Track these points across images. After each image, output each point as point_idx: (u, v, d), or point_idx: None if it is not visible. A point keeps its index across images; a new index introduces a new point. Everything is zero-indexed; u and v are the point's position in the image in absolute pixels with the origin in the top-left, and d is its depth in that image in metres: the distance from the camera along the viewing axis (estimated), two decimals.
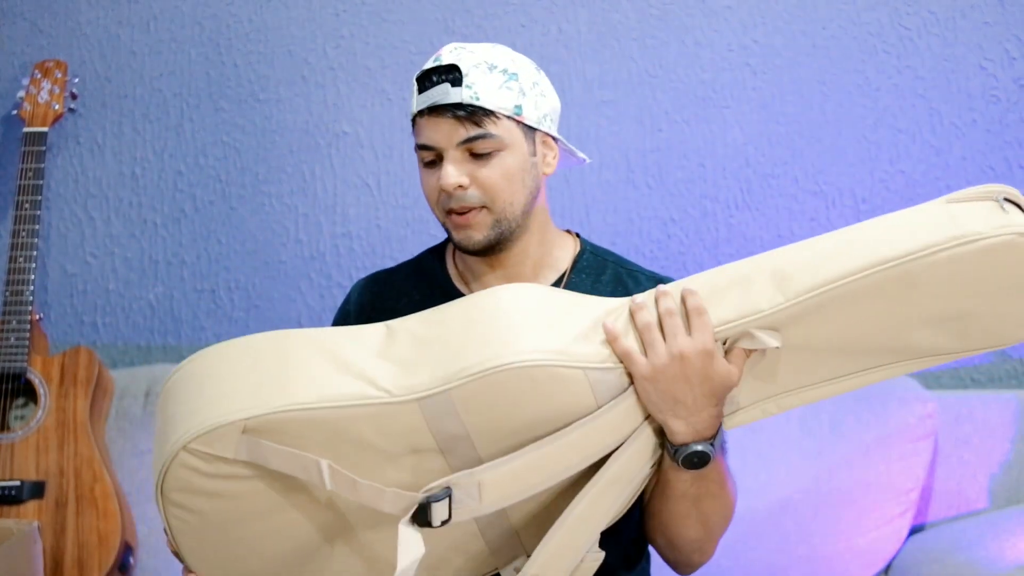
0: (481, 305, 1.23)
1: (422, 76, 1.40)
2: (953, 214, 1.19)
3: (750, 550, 1.94)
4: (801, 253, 1.23)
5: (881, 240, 1.20)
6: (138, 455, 2.09)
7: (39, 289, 2.32)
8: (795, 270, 1.20)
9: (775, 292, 1.19)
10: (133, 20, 2.35)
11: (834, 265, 1.19)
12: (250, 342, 1.23)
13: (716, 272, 1.24)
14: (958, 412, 2.02)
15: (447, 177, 1.36)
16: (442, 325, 1.23)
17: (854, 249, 1.20)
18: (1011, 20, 2.20)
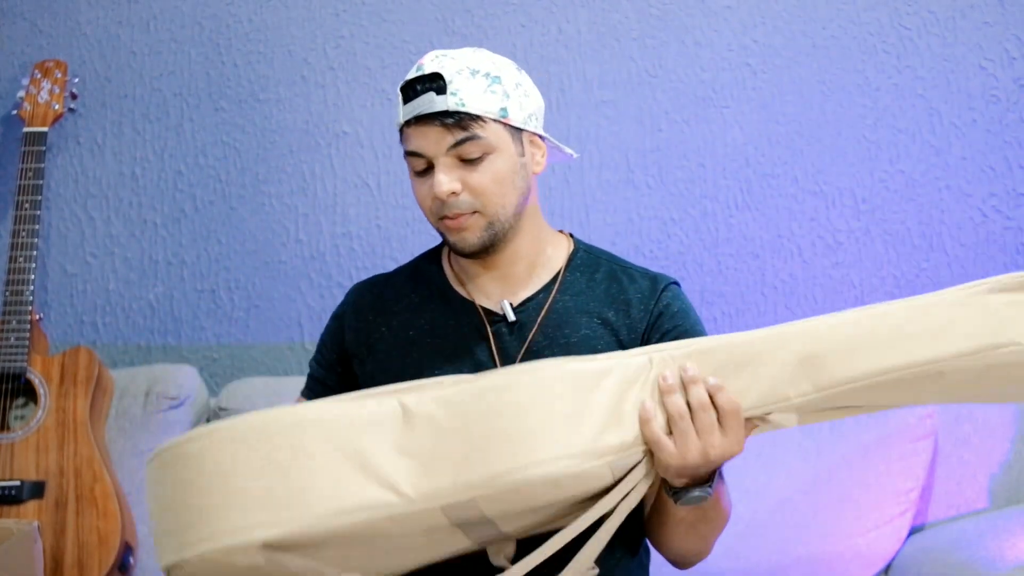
0: (505, 399, 1.17)
1: (406, 86, 1.40)
2: (997, 314, 1.15)
3: (750, 550, 1.94)
4: (834, 335, 1.19)
5: (918, 337, 1.16)
6: (138, 455, 2.09)
7: (39, 289, 2.32)
8: (827, 357, 1.18)
9: (804, 380, 1.18)
10: (133, 20, 2.35)
11: (868, 359, 1.17)
12: (262, 430, 1.18)
13: (737, 341, 1.21)
14: (958, 412, 2.01)
15: (439, 185, 1.37)
16: (463, 417, 1.17)
17: (889, 343, 1.17)
18: (1011, 20, 2.20)
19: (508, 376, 1.19)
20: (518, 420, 1.16)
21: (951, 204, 2.21)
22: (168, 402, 2.11)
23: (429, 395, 1.18)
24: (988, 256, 2.20)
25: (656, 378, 1.19)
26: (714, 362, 1.20)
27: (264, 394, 2.12)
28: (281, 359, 2.31)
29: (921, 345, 1.16)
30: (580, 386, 1.18)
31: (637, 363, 1.21)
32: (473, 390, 1.18)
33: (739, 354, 1.20)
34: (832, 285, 2.22)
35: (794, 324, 1.21)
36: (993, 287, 1.17)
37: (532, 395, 1.17)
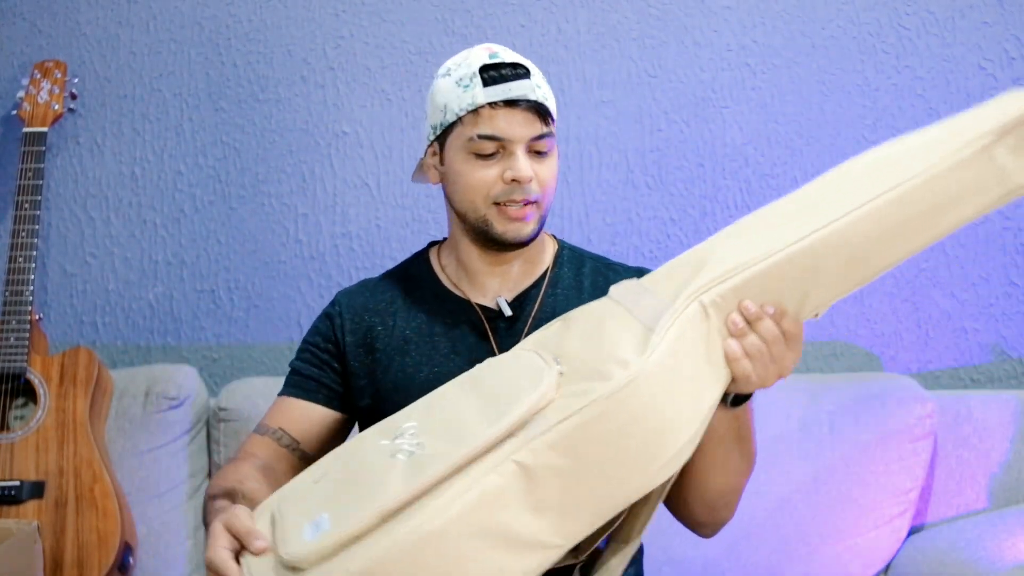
0: (617, 421, 1.14)
1: (488, 68, 1.41)
2: (1003, 167, 1.19)
3: (750, 550, 1.95)
4: (864, 234, 1.23)
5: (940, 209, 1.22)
6: (138, 455, 2.09)
7: (39, 289, 2.32)
8: (868, 258, 1.25)
9: (850, 280, 1.25)
10: (133, 20, 2.35)
11: (903, 246, 1.27)
12: (406, 559, 1.12)
13: (775, 263, 1.21)
14: (957, 412, 2.02)
15: (524, 169, 1.40)
16: (581, 453, 1.14)
17: (919, 227, 1.24)
18: (1010, 20, 2.20)
19: (609, 399, 1.13)
20: (636, 434, 1.14)
21: None
22: (168, 402, 2.11)
23: (541, 443, 1.13)
24: (988, 256, 2.20)
25: (724, 322, 1.20)
26: (758, 290, 1.21)
27: (264, 394, 2.11)
28: (281, 359, 2.31)
29: (945, 217, 1.21)
30: (671, 371, 1.16)
31: (691, 312, 1.19)
32: (580, 424, 1.13)
33: (782, 275, 1.20)
34: None
35: (817, 230, 1.21)
36: (994, 135, 1.19)
37: (639, 407, 1.14)
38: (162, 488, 2.09)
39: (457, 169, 1.44)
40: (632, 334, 1.18)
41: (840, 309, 2.22)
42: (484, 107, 1.40)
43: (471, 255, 1.50)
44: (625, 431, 1.13)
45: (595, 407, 1.13)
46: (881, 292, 2.22)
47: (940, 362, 2.19)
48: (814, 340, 2.22)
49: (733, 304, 1.20)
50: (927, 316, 2.21)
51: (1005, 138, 1.19)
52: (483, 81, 1.40)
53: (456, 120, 1.42)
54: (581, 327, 1.26)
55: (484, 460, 1.13)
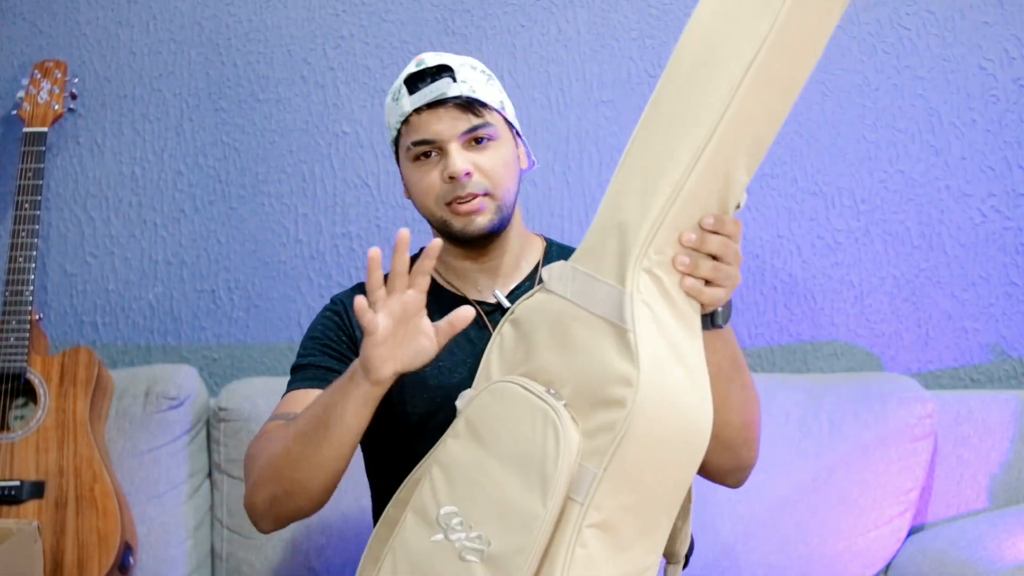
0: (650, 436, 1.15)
1: (412, 78, 1.45)
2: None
3: (750, 550, 1.95)
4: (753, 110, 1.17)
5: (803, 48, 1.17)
6: (138, 455, 2.09)
7: (39, 289, 2.32)
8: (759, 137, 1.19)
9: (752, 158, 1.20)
10: (133, 20, 2.35)
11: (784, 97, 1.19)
12: None
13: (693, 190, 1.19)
14: (958, 412, 2.02)
15: (456, 164, 1.42)
16: (638, 480, 1.16)
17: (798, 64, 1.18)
18: (1010, 20, 2.20)
19: (635, 426, 1.14)
20: (670, 439, 1.16)
21: (951, 204, 2.21)
22: (168, 402, 2.11)
23: (601, 495, 1.15)
24: (988, 256, 2.20)
25: (672, 266, 1.19)
26: (687, 222, 1.19)
27: (264, 394, 2.11)
28: (281, 359, 2.31)
29: (808, 57, 1.16)
30: (661, 349, 1.16)
31: (644, 286, 1.19)
32: (621, 461, 1.14)
33: (701, 196, 1.18)
34: (832, 285, 2.22)
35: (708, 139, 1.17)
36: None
37: (660, 414, 1.15)
38: (162, 488, 2.09)
39: (408, 178, 1.50)
40: (608, 339, 1.17)
41: (840, 309, 2.22)
42: (411, 115, 1.45)
43: (454, 255, 1.53)
44: (661, 439, 1.14)
45: (628, 439, 1.13)
46: (881, 292, 2.22)
47: (940, 362, 2.19)
48: (814, 340, 2.23)
49: (671, 252, 1.19)
50: (927, 316, 2.21)
51: None
52: (408, 90, 1.45)
53: (397, 133, 1.48)
54: (545, 337, 1.24)
55: (559, 538, 1.14)
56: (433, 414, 1.45)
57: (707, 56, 1.17)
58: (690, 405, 1.16)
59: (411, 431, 1.47)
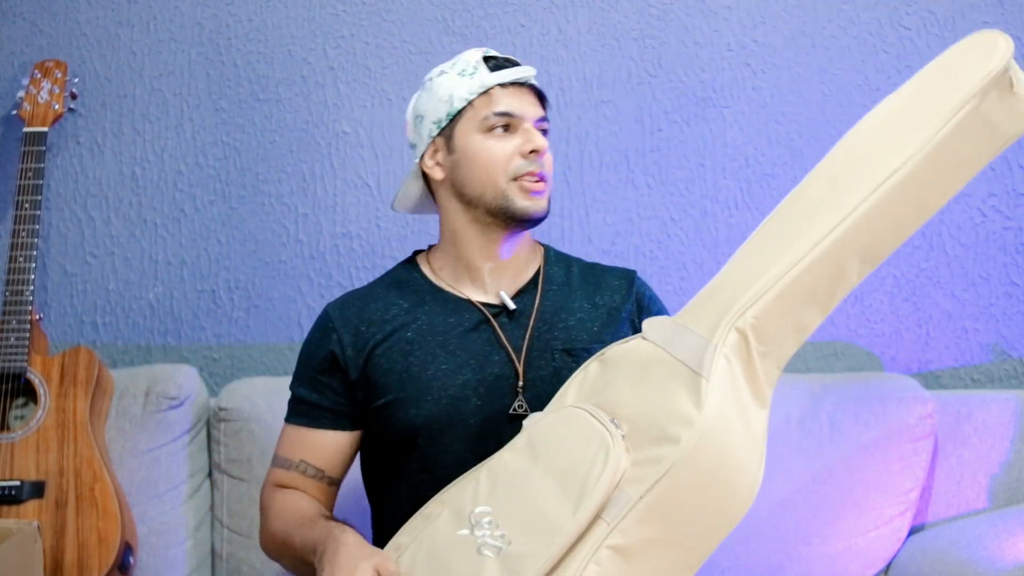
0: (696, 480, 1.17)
1: (491, 57, 1.52)
2: (990, 122, 1.21)
3: (750, 550, 1.94)
4: (878, 225, 1.24)
5: (943, 181, 1.25)
6: (138, 455, 2.09)
7: (39, 289, 2.32)
8: (880, 247, 1.25)
9: (865, 265, 1.26)
10: (133, 20, 2.35)
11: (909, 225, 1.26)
12: None
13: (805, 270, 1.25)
14: (958, 412, 2.01)
15: (540, 139, 1.47)
16: (670, 517, 1.17)
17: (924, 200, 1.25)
18: (1011, 20, 2.20)
19: (684, 466, 1.15)
20: (712, 488, 1.17)
21: (951, 204, 2.21)
22: (168, 402, 2.11)
23: (629, 521, 1.15)
24: (988, 256, 2.20)
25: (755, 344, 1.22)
26: (794, 299, 1.23)
27: (264, 394, 2.11)
28: (281, 359, 2.31)
29: (946, 185, 1.24)
30: (727, 415, 1.18)
31: (733, 344, 1.22)
32: (662, 493, 1.15)
33: (813, 280, 1.23)
34: None
35: (832, 230, 1.24)
36: (979, 98, 1.21)
37: (710, 462, 1.16)
38: (162, 488, 2.08)
39: (474, 149, 1.48)
40: (682, 382, 1.19)
41: (840, 309, 2.22)
42: (494, 88, 1.48)
43: (473, 251, 1.52)
44: (704, 486, 1.15)
45: (673, 474, 1.15)
46: (881, 292, 2.21)
47: (940, 362, 2.19)
48: (814, 340, 2.23)
49: (768, 322, 1.22)
50: (927, 316, 2.21)
51: (992, 91, 1.21)
52: (488, 68, 1.49)
53: (466, 105, 1.48)
54: (626, 374, 1.27)
55: (578, 551, 1.15)
56: (437, 417, 1.45)
57: (860, 157, 1.28)
58: (742, 466, 1.18)
59: (416, 435, 1.47)
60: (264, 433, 2.07)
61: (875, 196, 1.23)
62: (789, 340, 1.24)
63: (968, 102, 1.20)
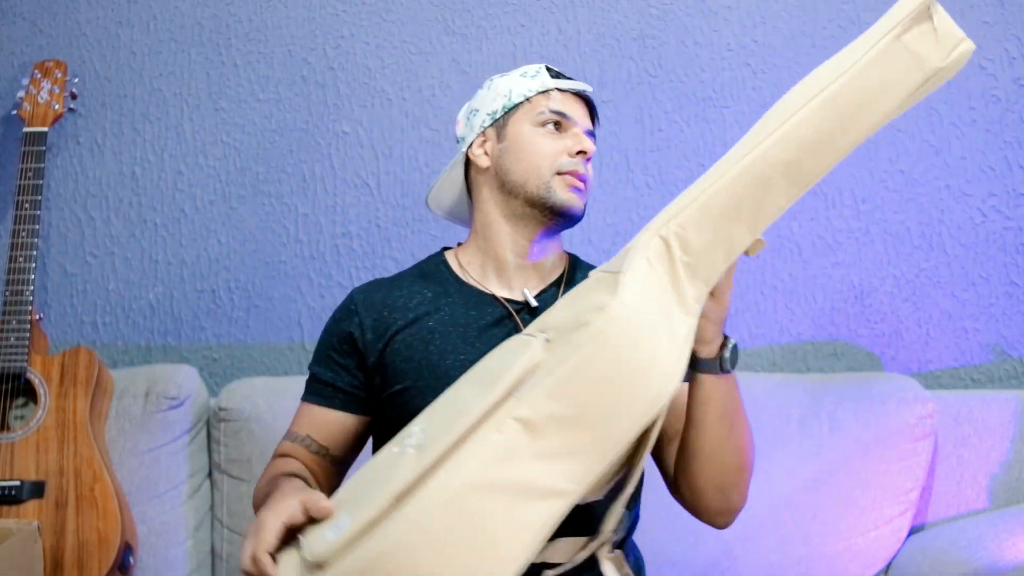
0: (604, 359, 1.19)
1: (551, 68, 1.61)
2: (914, 52, 1.26)
3: (750, 550, 1.94)
4: (801, 139, 1.29)
5: (867, 107, 1.28)
6: (138, 455, 2.09)
7: (39, 289, 2.32)
8: (802, 162, 1.29)
9: (792, 187, 1.29)
10: (133, 20, 2.35)
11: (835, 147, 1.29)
12: (434, 520, 1.14)
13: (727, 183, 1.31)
14: (958, 412, 2.02)
15: (589, 143, 1.55)
16: (577, 397, 1.19)
17: (847, 124, 1.28)
18: (1011, 20, 2.20)
19: (594, 341, 1.19)
20: (624, 371, 1.19)
21: (951, 204, 2.21)
22: (168, 402, 2.11)
23: (537, 395, 1.18)
24: (988, 256, 2.20)
25: (678, 252, 1.26)
26: (717, 211, 1.28)
27: (264, 394, 2.12)
28: (281, 359, 2.31)
29: (871, 113, 1.27)
30: (645, 308, 1.21)
31: (656, 250, 1.26)
32: (572, 369, 1.19)
33: (736, 194, 1.29)
34: (832, 285, 2.22)
35: (756, 146, 1.32)
36: (900, 28, 1.27)
37: (621, 345, 1.19)
38: (162, 488, 2.09)
39: (525, 139, 1.55)
40: (605, 285, 1.24)
41: (840, 309, 2.22)
42: (554, 90, 1.56)
43: (504, 246, 1.56)
44: (613, 368, 1.18)
45: (581, 351, 1.18)
46: (881, 292, 2.22)
47: (940, 362, 2.19)
48: (814, 340, 2.23)
49: (693, 233, 1.26)
50: (927, 316, 2.21)
51: (913, 27, 1.26)
52: (550, 74, 1.59)
53: (523, 101, 1.56)
54: (565, 299, 1.31)
55: (485, 424, 1.17)
56: None
57: (794, 90, 1.37)
58: (655, 357, 1.19)
59: None
60: (264, 433, 2.07)
61: (799, 114, 1.30)
62: (718, 256, 1.27)
63: (890, 31, 1.27)
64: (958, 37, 1.26)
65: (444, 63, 2.30)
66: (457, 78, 2.30)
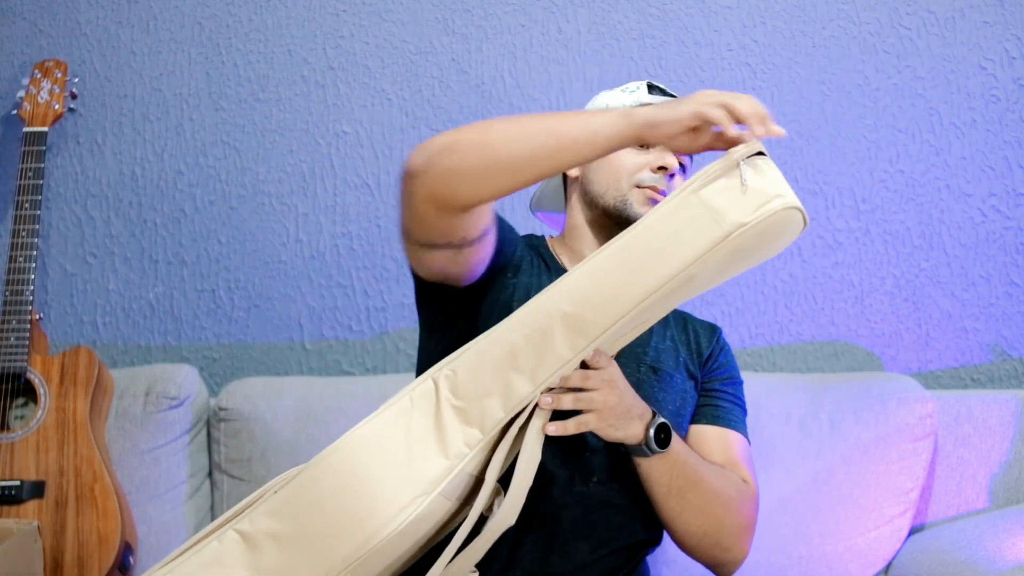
0: (325, 486, 1.23)
1: (656, 86, 1.62)
2: (713, 207, 1.24)
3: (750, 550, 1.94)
4: (584, 290, 1.27)
5: (657, 254, 1.25)
6: (138, 455, 2.09)
7: (39, 289, 2.32)
8: (584, 314, 1.27)
9: (577, 337, 1.28)
10: (133, 20, 2.35)
11: (622, 299, 1.26)
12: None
13: (506, 329, 1.29)
14: (958, 412, 2.01)
15: (672, 160, 1.55)
16: (297, 518, 1.23)
17: (635, 275, 1.26)
18: (1011, 20, 2.20)
19: (318, 465, 1.23)
20: (346, 499, 1.22)
21: (951, 204, 2.21)
22: (168, 402, 2.11)
23: (259, 511, 1.23)
24: (988, 256, 2.20)
25: (447, 394, 1.28)
26: (492, 358, 1.28)
27: (264, 394, 2.12)
28: (281, 359, 2.31)
29: (663, 262, 1.25)
30: (386, 443, 1.24)
31: (423, 390, 1.29)
32: (293, 490, 1.23)
33: (513, 342, 1.28)
34: (832, 285, 2.22)
35: (547, 294, 1.30)
36: (700, 182, 1.26)
37: (347, 473, 1.22)
38: (162, 488, 2.09)
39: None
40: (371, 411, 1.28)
41: (840, 309, 2.22)
42: (648, 104, 1.53)
43: (588, 249, 1.59)
44: (332, 494, 1.21)
45: (305, 473, 1.22)
46: (881, 292, 2.21)
47: (940, 362, 2.19)
48: (814, 340, 2.23)
49: (465, 377, 1.28)
50: (927, 316, 2.21)
51: (712, 183, 1.25)
52: (650, 90, 1.60)
53: None
54: None
55: (218, 531, 1.24)
56: None
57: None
58: (385, 493, 1.22)
59: None
60: (264, 433, 2.08)
61: (586, 265, 1.29)
62: (493, 403, 1.28)
63: (690, 184, 1.27)
64: (770, 194, 1.23)
65: (444, 63, 2.30)
66: (457, 78, 2.30)
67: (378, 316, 2.29)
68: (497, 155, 1.30)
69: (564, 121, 1.33)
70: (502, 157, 1.30)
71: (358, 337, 2.30)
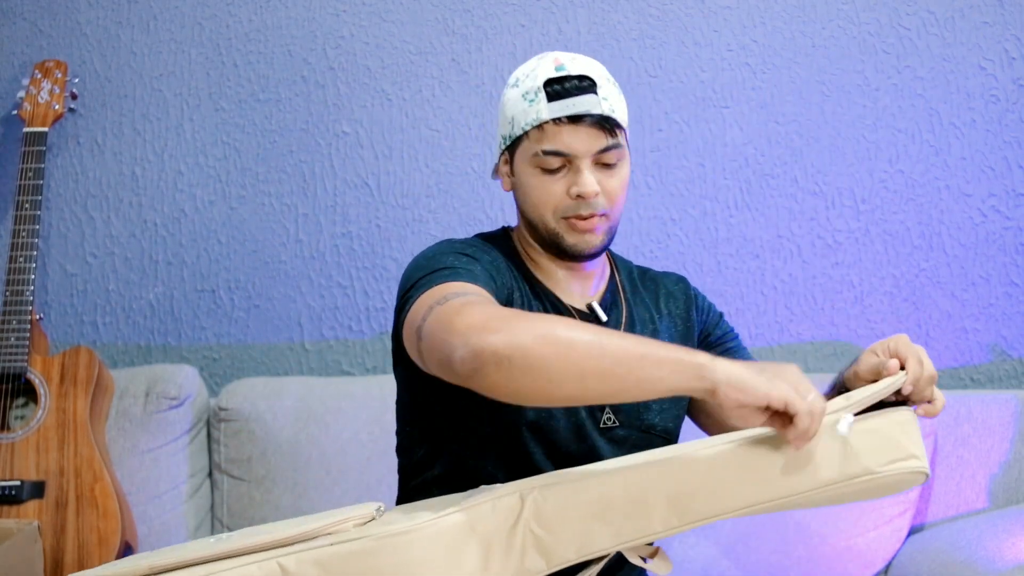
0: (373, 564, 1.18)
1: (552, 82, 1.41)
2: (851, 444, 1.20)
3: (750, 550, 1.94)
4: (703, 473, 1.22)
5: (782, 473, 1.20)
6: (138, 455, 2.09)
7: (39, 289, 2.32)
8: (695, 496, 1.22)
9: (674, 517, 1.22)
10: (133, 20, 2.35)
11: (732, 497, 1.21)
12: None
13: (607, 479, 1.23)
14: (958, 412, 2.02)
15: (588, 185, 1.38)
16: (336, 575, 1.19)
17: (750, 481, 1.21)
18: (1010, 20, 2.20)
19: (383, 538, 1.18)
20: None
21: (951, 204, 2.21)
22: (168, 402, 2.11)
23: (309, 556, 1.18)
24: (988, 256, 2.20)
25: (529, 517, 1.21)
26: (584, 501, 1.22)
27: (264, 394, 2.12)
28: (281, 359, 2.31)
29: (782, 481, 1.20)
30: (452, 544, 1.19)
31: (508, 504, 1.22)
32: (350, 552, 1.18)
33: (609, 496, 1.22)
34: (832, 285, 2.22)
35: (666, 455, 1.23)
36: (841, 409, 1.22)
37: (404, 562, 1.18)
38: (162, 488, 2.09)
39: (525, 182, 1.43)
40: (434, 504, 1.24)
41: (840, 309, 2.22)
42: (548, 123, 1.39)
43: (547, 262, 1.48)
44: (379, 573, 1.16)
45: (367, 541, 1.17)
46: (881, 292, 2.22)
47: (940, 362, 2.19)
48: (814, 340, 2.23)
49: (550, 504, 1.22)
50: (927, 316, 2.21)
51: (862, 422, 1.22)
52: (547, 96, 1.40)
53: (523, 134, 1.41)
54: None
55: (263, 553, 1.19)
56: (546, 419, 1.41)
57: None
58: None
59: (515, 429, 1.41)
60: (264, 433, 2.08)
61: (706, 449, 1.22)
62: (568, 543, 1.22)
63: (841, 407, 1.22)
64: (907, 452, 1.21)
65: (444, 63, 2.30)
66: (457, 78, 2.30)
67: (378, 316, 2.29)
68: (550, 392, 1.18)
69: (631, 371, 1.16)
70: (554, 393, 1.18)
71: (358, 337, 2.30)
